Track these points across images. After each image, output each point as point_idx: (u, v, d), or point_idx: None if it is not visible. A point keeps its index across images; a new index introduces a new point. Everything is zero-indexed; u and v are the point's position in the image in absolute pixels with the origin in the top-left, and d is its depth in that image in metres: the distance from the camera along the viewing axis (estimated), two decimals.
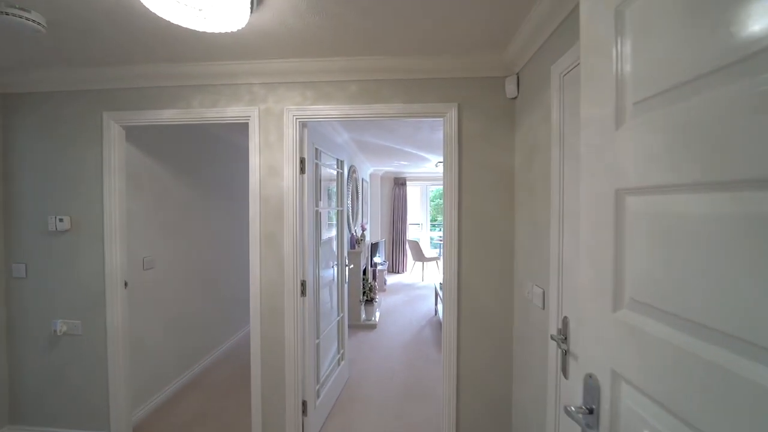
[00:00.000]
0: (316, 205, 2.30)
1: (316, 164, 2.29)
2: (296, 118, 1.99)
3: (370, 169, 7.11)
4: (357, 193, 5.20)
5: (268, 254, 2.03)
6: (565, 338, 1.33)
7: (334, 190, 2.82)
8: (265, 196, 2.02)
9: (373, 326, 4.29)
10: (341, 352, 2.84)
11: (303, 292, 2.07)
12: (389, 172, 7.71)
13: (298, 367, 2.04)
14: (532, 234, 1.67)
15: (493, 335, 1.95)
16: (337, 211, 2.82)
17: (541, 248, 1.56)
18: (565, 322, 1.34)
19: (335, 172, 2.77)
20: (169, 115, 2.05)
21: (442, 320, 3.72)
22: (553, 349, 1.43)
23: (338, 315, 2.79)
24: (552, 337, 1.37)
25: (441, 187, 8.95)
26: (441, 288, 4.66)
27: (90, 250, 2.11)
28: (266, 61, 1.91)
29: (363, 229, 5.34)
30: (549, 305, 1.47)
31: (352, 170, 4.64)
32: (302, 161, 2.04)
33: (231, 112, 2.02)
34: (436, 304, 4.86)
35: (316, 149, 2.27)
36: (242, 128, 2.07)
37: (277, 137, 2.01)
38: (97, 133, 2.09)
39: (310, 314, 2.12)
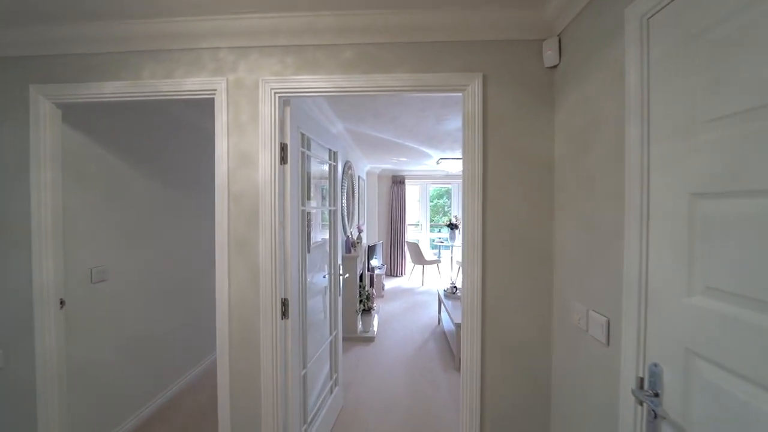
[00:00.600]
0: (303, 204, 1.87)
1: (303, 154, 1.85)
2: (275, 92, 1.56)
3: (366, 167, 6.69)
4: (353, 191, 4.77)
5: (239, 266, 1.59)
6: (657, 395, 0.91)
7: (326, 186, 2.39)
8: (235, 192, 1.59)
9: (370, 339, 3.86)
10: (335, 376, 2.41)
11: (285, 314, 1.63)
12: (387, 169, 7.29)
13: (278, 408, 1.61)
14: (587, 241, 1.25)
15: (526, 370, 1.53)
16: (330, 211, 2.39)
17: (606, 261, 1.15)
18: (654, 372, 0.92)
19: (327, 166, 2.34)
20: (113, 89, 1.61)
21: (453, 342, 3.30)
22: (629, 407, 1.01)
23: (331, 333, 2.36)
24: (633, 393, 0.96)
25: (442, 186, 8.55)
26: (445, 295, 4.25)
27: (14, 260, 1.66)
28: (234, 16, 1.48)
29: (359, 231, 4.92)
30: (622, 342, 1.05)
31: (347, 166, 4.21)
32: (283, 148, 1.61)
33: (191, 84, 1.58)
34: (439, 312, 4.45)
35: (303, 135, 1.83)
36: (212, 108, 1.62)
37: (250, 116, 1.58)
38: (23, 112, 1.64)
39: (294, 340, 1.69)
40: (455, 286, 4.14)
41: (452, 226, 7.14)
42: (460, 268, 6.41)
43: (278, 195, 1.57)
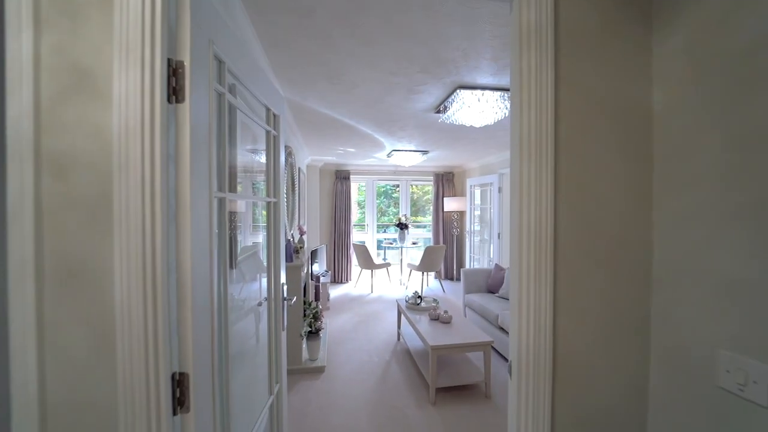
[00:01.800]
0: (222, 189, 1.05)
1: (222, 98, 1.04)
2: None
3: (307, 158, 5.81)
4: (294, 184, 3.90)
5: (68, 316, 0.73)
6: None
7: (260, 165, 1.57)
8: (55, 155, 0.72)
9: (319, 370, 3.06)
10: None
11: (181, 403, 0.81)
12: (330, 162, 6.48)
13: None
14: None
15: None
16: (269, 204, 1.57)
17: None
18: None
19: (263, 132, 1.52)
20: None
21: (422, 364, 2.39)
22: None
23: (272, 391, 1.55)
24: None
25: (390, 182, 7.95)
26: (407, 307, 3.58)
27: None
28: None
29: (301, 234, 4.06)
30: None
31: (287, 152, 3.35)
32: (176, 71, 0.79)
33: None
34: (398, 326, 3.82)
35: (221, 63, 1.02)
36: None
37: None
38: None
39: None
40: (419, 296, 3.55)
41: (401, 226, 6.63)
42: (412, 271, 5.83)
43: (162, 162, 0.75)
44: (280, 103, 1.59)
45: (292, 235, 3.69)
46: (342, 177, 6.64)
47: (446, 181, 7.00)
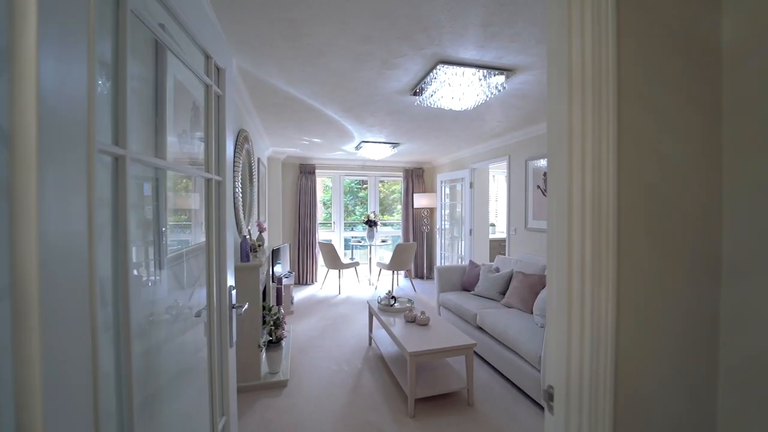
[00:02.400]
0: (121, 143, 0.69)
1: (121, 3, 0.68)
2: None
3: (268, 150, 5.33)
4: (251, 174, 3.46)
5: None
6: None
7: (199, 134, 1.19)
8: None
9: (281, 385, 2.68)
10: None
11: None
12: (293, 155, 6.03)
13: None
14: None
15: None
16: (209, 182, 1.20)
17: None
18: None
19: (202, 88, 1.15)
20: None
21: (398, 372, 2.14)
22: None
23: (215, 429, 1.18)
24: None
25: (357, 177, 7.59)
26: (380, 308, 3.18)
27: None
28: None
29: (261, 230, 3.63)
30: None
31: (242, 136, 2.92)
32: None
33: None
34: (370, 330, 3.52)
35: None
36: None
37: None
38: None
39: None
40: (393, 297, 3.27)
41: (370, 223, 6.33)
42: (382, 270, 5.54)
43: None
44: (225, 53, 1.22)
45: (249, 231, 3.25)
46: (307, 171, 6.21)
47: (416, 177, 6.81)
